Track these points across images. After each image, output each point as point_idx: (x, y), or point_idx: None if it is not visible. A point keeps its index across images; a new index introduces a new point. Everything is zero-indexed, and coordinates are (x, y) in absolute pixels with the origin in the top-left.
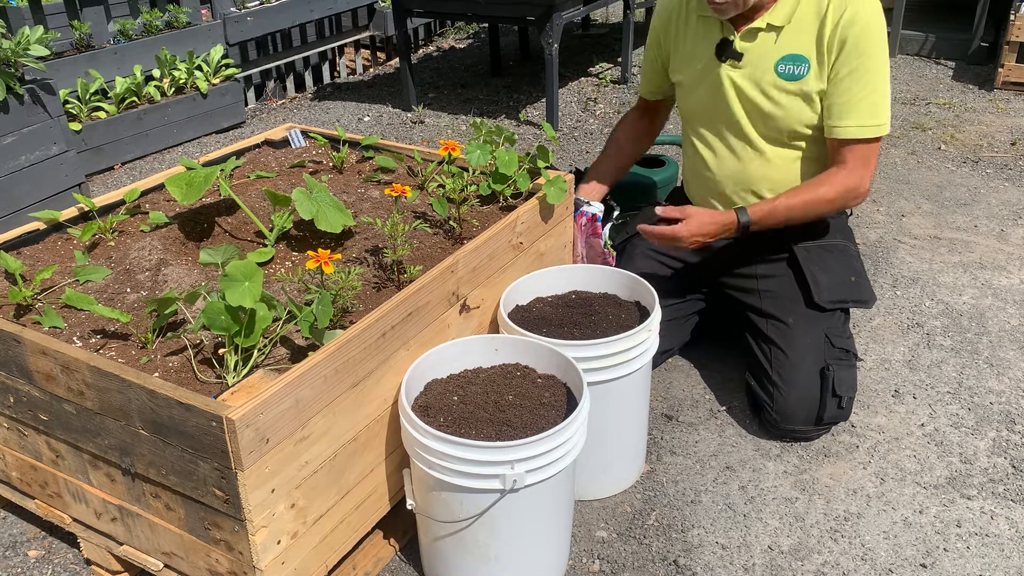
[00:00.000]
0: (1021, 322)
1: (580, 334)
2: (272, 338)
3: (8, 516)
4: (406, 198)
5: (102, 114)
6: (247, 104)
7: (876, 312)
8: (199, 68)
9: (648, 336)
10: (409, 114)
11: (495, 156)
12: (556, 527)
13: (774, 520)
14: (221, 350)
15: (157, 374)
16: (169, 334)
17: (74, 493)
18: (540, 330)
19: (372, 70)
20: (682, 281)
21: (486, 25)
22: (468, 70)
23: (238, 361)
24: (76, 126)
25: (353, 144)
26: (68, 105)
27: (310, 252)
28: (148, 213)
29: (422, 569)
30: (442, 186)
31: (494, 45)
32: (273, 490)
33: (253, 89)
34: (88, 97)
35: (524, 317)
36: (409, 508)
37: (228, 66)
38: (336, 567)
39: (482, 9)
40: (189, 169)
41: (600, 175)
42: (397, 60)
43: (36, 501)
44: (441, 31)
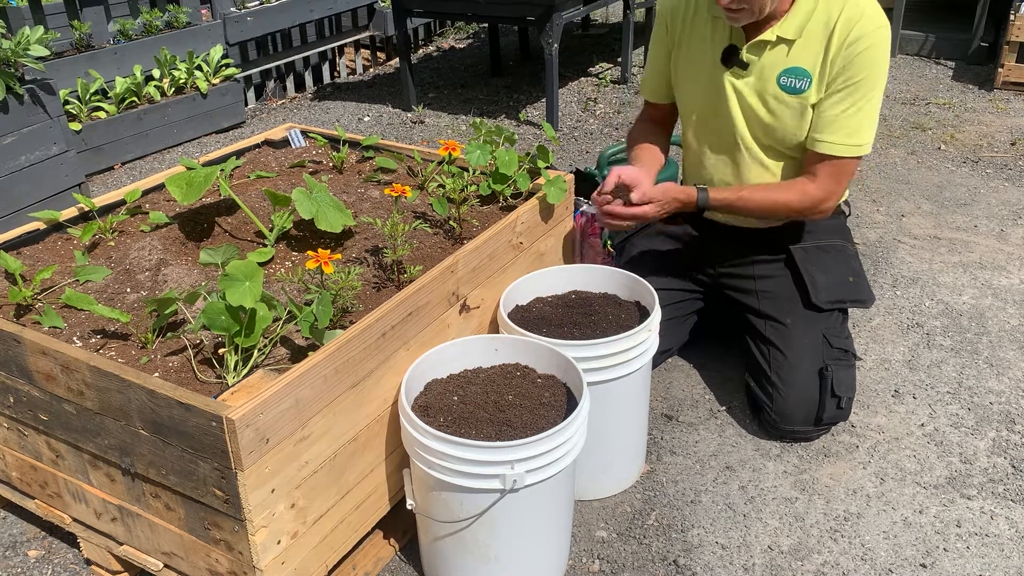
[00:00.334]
0: (1021, 322)
1: (580, 334)
2: (272, 338)
3: (8, 516)
4: (406, 198)
5: (102, 114)
6: (247, 104)
7: (876, 312)
8: (199, 68)
9: (648, 336)
10: (409, 114)
11: (495, 156)
12: (556, 527)
13: (774, 520)
14: (221, 350)
15: (157, 374)
16: (169, 334)
17: (74, 493)
18: (540, 330)
19: (372, 70)
20: (681, 272)
21: (486, 25)
22: (468, 70)
23: (238, 361)
24: (76, 126)
25: (353, 144)
26: (68, 105)
27: (310, 252)
28: (148, 213)
29: (422, 569)
30: (442, 186)
31: (494, 45)
32: (273, 490)
33: (253, 89)
34: (88, 97)
35: (524, 317)
36: (409, 508)
37: (228, 66)
38: (336, 567)
39: (482, 9)
40: (189, 169)
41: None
42: (397, 60)
43: (36, 501)
44: (441, 31)
